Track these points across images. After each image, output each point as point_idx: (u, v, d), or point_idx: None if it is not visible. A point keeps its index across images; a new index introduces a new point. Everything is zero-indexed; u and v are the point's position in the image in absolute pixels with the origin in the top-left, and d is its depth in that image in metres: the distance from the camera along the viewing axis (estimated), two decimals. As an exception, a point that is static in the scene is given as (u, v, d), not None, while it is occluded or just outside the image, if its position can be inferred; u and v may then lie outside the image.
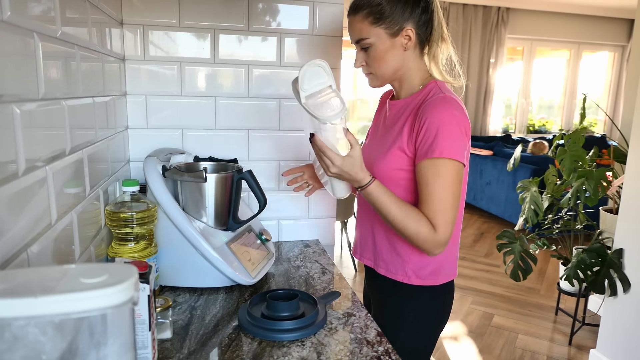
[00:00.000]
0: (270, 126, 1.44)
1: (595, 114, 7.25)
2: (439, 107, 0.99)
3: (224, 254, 1.10)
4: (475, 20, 6.17)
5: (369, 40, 1.04)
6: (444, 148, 0.96)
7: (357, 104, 6.34)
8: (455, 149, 0.97)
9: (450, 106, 0.99)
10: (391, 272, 1.13)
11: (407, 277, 1.11)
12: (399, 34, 1.03)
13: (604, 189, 2.56)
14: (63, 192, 0.80)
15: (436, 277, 1.12)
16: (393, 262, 1.13)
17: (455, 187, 0.99)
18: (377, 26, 1.02)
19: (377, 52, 1.04)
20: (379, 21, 1.02)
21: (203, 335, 0.91)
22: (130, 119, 1.34)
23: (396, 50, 1.05)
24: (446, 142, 0.97)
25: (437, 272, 1.11)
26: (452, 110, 0.99)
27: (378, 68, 1.07)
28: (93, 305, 0.42)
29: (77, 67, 0.88)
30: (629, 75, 3.63)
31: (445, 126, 0.97)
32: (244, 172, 1.16)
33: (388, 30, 1.02)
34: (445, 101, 1.00)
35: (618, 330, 2.17)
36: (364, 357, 0.85)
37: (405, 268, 1.11)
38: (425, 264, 1.10)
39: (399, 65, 1.07)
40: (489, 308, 3.03)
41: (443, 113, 0.98)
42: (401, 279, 1.12)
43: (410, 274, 1.11)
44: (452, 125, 0.97)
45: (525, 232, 2.96)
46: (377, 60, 1.06)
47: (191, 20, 1.33)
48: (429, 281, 1.11)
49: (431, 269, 1.11)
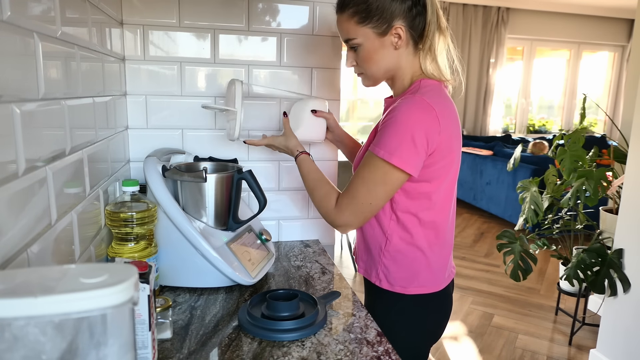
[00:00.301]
0: (270, 126, 1.44)
1: (595, 114, 7.25)
2: (401, 106, 0.93)
3: (224, 254, 1.10)
4: (475, 20, 6.17)
5: (357, 41, 0.99)
6: (382, 146, 0.93)
7: (357, 104, 6.34)
8: (391, 150, 0.92)
9: (413, 108, 0.93)
10: (367, 273, 1.12)
11: (379, 280, 1.08)
12: (387, 33, 0.97)
13: (604, 189, 2.56)
14: (63, 192, 0.80)
15: (405, 286, 1.06)
16: (368, 262, 1.11)
17: (375, 186, 0.96)
18: (363, 26, 0.97)
19: (366, 52, 1.00)
20: (365, 20, 0.96)
21: (203, 335, 0.91)
22: (130, 119, 1.35)
23: (386, 49, 0.99)
24: (386, 141, 0.93)
25: (408, 281, 1.06)
26: (413, 113, 0.92)
27: (368, 68, 1.03)
28: (93, 305, 0.42)
29: (77, 67, 0.88)
30: (629, 75, 3.63)
31: (395, 125, 0.92)
32: (244, 172, 1.16)
33: (376, 29, 0.97)
34: (412, 102, 0.93)
35: (618, 330, 2.17)
36: (364, 357, 0.85)
37: (377, 269, 1.08)
38: (395, 269, 1.06)
39: (390, 64, 1.02)
40: (489, 308, 3.03)
41: (401, 112, 0.92)
42: (374, 280, 1.09)
43: (382, 277, 1.07)
44: (403, 126, 0.92)
45: (525, 232, 2.96)
46: (367, 61, 1.01)
47: (191, 20, 1.33)
48: (397, 288, 1.06)
49: (401, 275, 1.06)
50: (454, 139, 0.99)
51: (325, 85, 1.46)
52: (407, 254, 1.06)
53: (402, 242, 1.05)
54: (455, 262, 3.79)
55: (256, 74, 1.41)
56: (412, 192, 1.01)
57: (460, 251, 4.07)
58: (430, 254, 1.06)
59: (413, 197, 1.02)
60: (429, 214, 1.03)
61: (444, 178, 1.01)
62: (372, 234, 1.09)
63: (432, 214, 1.04)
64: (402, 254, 1.06)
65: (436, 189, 1.01)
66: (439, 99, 0.96)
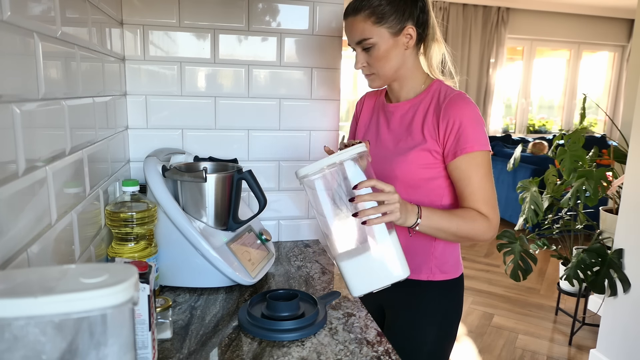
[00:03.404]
0: (270, 126, 1.44)
1: (595, 114, 7.25)
2: (460, 105, 1.04)
3: (224, 254, 1.10)
4: (475, 20, 6.17)
5: (372, 40, 1.04)
6: (476, 141, 1.02)
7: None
8: (484, 140, 1.04)
9: (469, 102, 1.05)
10: (415, 273, 1.10)
11: (432, 274, 1.14)
12: (400, 33, 1.05)
13: (604, 189, 2.56)
14: (63, 192, 0.80)
15: (456, 269, 1.17)
16: (415, 262, 1.10)
17: (491, 175, 1.06)
18: (380, 26, 1.03)
19: (380, 51, 1.05)
20: (381, 20, 1.03)
21: (203, 335, 0.91)
22: (130, 119, 1.34)
23: (398, 49, 1.06)
24: (476, 135, 1.02)
25: (456, 265, 1.17)
26: (471, 104, 1.05)
27: (381, 67, 1.08)
28: (93, 305, 0.42)
29: (77, 67, 0.88)
30: (629, 75, 3.63)
31: (470, 121, 1.02)
32: (244, 172, 1.16)
33: (390, 29, 1.04)
34: (462, 98, 1.05)
35: (618, 330, 2.17)
36: (364, 357, 0.85)
37: (429, 265, 1.14)
38: (446, 258, 1.15)
39: (400, 64, 1.09)
40: (489, 308, 3.03)
41: (465, 109, 1.03)
42: (426, 277, 1.14)
43: (435, 270, 1.14)
44: (476, 118, 1.03)
45: (525, 232, 2.96)
46: (380, 60, 1.07)
47: (191, 20, 1.33)
48: (451, 274, 1.15)
49: (452, 262, 1.16)
50: None
51: (325, 85, 1.46)
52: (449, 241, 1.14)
53: None
54: (455, 262, 3.79)
55: (256, 74, 1.41)
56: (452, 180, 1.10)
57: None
58: None
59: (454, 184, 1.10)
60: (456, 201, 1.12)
61: None
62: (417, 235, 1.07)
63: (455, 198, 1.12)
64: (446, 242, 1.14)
65: None
66: None
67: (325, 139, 1.49)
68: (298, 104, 1.45)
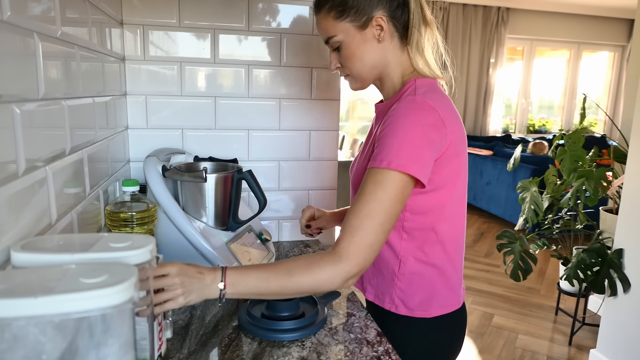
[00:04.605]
0: (270, 126, 1.44)
1: (595, 114, 7.25)
2: (402, 111, 0.85)
3: (224, 254, 1.10)
4: (475, 20, 6.17)
5: (337, 38, 0.92)
6: (391, 158, 0.81)
7: (357, 104, 6.34)
8: (407, 160, 0.81)
9: (416, 109, 0.85)
10: (379, 299, 0.99)
11: (395, 306, 0.97)
12: (368, 25, 0.90)
13: (604, 189, 2.56)
14: (63, 192, 0.80)
15: (426, 309, 0.96)
16: (379, 287, 0.99)
17: (391, 204, 0.81)
18: (342, 20, 0.90)
19: (348, 49, 0.92)
20: (342, 14, 0.90)
21: (203, 335, 0.91)
22: (130, 119, 1.34)
23: (368, 43, 0.92)
24: (395, 151, 0.81)
25: (427, 302, 0.96)
26: (418, 114, 0.84)
27: (353, 67, 0.94)
28: (93, 305, 0.42)
29: (77, 67, 0.88)
30: (629, 75, 3.63)
31: (401, 133, 0.82)
32: (244, 172, 1.16)
33: (355, 22, 0.90)
34: (413, 104, 0.86)
35: (618, 330, 2.17)
36: (364, 357, 0.85)
37: (392, 294, 0.97)
38: (412, 292, 0.96)
39: (376, 61, 0.94)
40: (489, 308, 3.03)
41: (404, 118, 0.84)
42: (388, 307, 0.98)
43: (398, 302, 0.96)
44: (408, 133, 0.82)
45: (525, 232, 2.96)
46: (350, 59, 0.93)
47: (191, 20, 1.33)
48: (418, 313, 0.96)
49: (420, 298, 0.96)
50: (459, 141, 0.91)
51: (325, 85, 1.46)
52: (424, 275, 0.95)
53: (417, 263, 0.95)
54: (455, 262, 3.79)
55: (256, 74, 1.41)
56: (423, 205, 0.92)
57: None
58: (449, 270, 0.97)
59: (426, 211, 0.92)
60: (444, 226, 0.94)
61: (453, 184, 0.92)
62: (382, 257, 0.98)
63: (447, 226, 0.95)
64: (418, 275, 0.95)
65: (449, 198, 0.93)
66: (440, 99, 0.89)
67: (325, 139, 1.49)
68: (298, 104, 1.45)
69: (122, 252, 0.56)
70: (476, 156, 5.12)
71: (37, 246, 0.57)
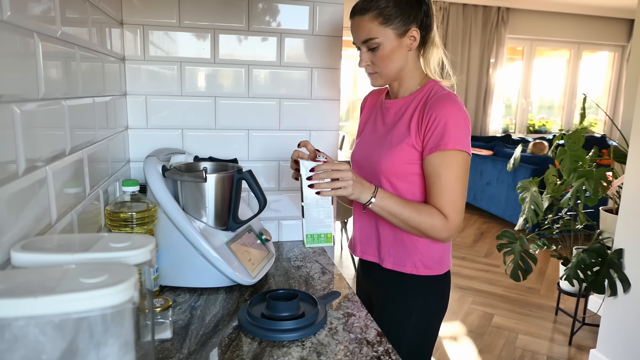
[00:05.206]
0: (270, 126, 1.44)
1: (595, 114, 7.25)
2: (445, 103, 1.06)
3: (224, 254, 1.10)
4: (475, 20, 6.17)
5: (378, 40, 1.07)
6: (453, 140, 1.04)
7: (357, 104, 6.34)
8: (462, 141, 1.05)
9: (455, 102, 1.07)
10: (399, 265, 1.17)
11: (416, 269, 1.16)
12: (405, 35, 1.08)
13: (604, 189, 2.56)
14: (63, 192, 0.80)
15: (441, 266, 1.18)
16: (400, 255, 1.17)
17: (464, 177, 1.07)
18: (386, 26, 1.07)
19: (385, 51, 1.09)
20: (388, 21, 1.06)
21: (203, 335, 0.91)
22: (130, 119, 1.34)
23: (402, 50, 1.10)
24: (455, 135, 1.04)
25: (441, 262, 1.18)
26: (457, 105, 1.06)
27: (385, 67, 1.11)
28: (93, 305, 0.42)
29: (77, 67, 0.88)
30: (629, 75, 3.63)
31: (452, 120, 1.04)
32: (244, 172, 1.16)
33: (396, 30, 1.07)
34: (450, 98, 1.07)
35: (618, 330, 2.17)
36: (364, 357, 0.85)
37: (413, 259, 1.16)
38: (431, 254, 1.16)
39: (403, 64, 1.12)
40: (489, 308, 3.03)
41: (449, 108, 1.05)
42: (409, 270, 1.16)
43: (419, 265, 1.16)
44: (458, 119, 1.05)
45: (525, 232, 2.96)
46: (384, 60, 1.10)
47: (191, 20, 1.33)
48: (435, 270, 1.17)
49: (436, 258, 1.16)
50: None
51: (326, 85, 1.46)
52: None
53: None
54: (455, 262, 3.79)
55: (256, 74, 1.41)
56: None
57: (460, 251, 4.07)
58: None
59: None
60: None
61: None
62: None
63: None
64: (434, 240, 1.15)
65: None
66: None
67: (325, 139, 1.49)
68: (298, 104, 1.45)
69: (122, 252, 0.55)
70: (476, 156, 5.12)
71: (37, 246, 0.57)
